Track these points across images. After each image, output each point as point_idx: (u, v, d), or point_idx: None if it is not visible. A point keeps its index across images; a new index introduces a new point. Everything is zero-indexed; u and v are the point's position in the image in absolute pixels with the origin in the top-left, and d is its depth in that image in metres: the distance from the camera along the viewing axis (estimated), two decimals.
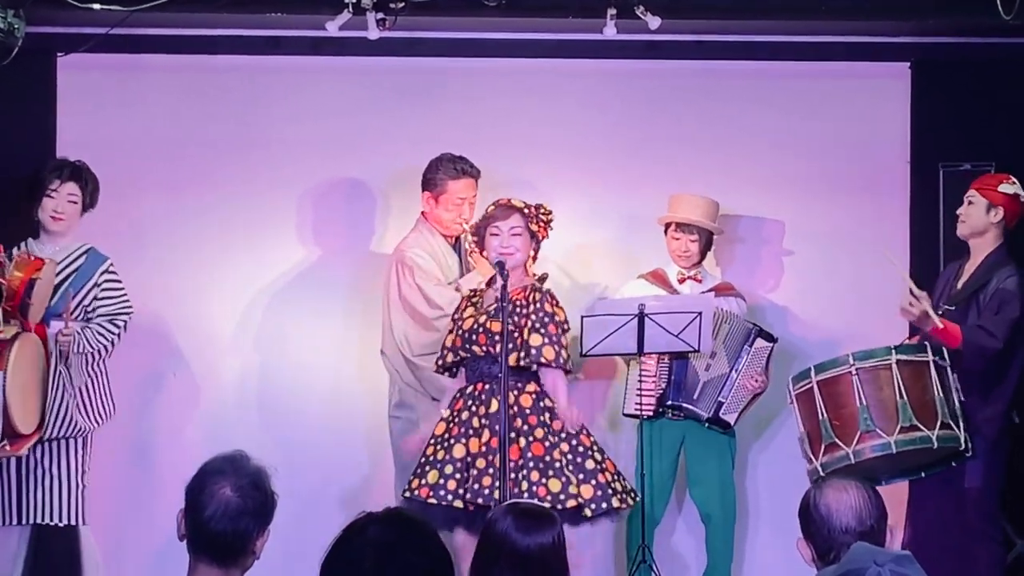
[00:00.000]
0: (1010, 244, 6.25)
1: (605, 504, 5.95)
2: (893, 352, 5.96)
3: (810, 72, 7.16)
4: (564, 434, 6.01)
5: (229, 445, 3.50)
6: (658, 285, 6.72)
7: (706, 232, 6.71)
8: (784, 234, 7.17)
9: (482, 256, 6.25)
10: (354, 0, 6.45)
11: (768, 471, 7.07)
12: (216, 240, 7.05)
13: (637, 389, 6.51)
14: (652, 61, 7.12)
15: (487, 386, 6.03)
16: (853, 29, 6.96)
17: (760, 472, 7.09)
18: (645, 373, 6.54)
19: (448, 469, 5.93)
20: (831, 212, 7.13)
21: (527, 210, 6.12)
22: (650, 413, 6.55)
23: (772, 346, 6.60)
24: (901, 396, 5.88)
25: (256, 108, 7.08)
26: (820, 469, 5.89)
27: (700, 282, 6.75)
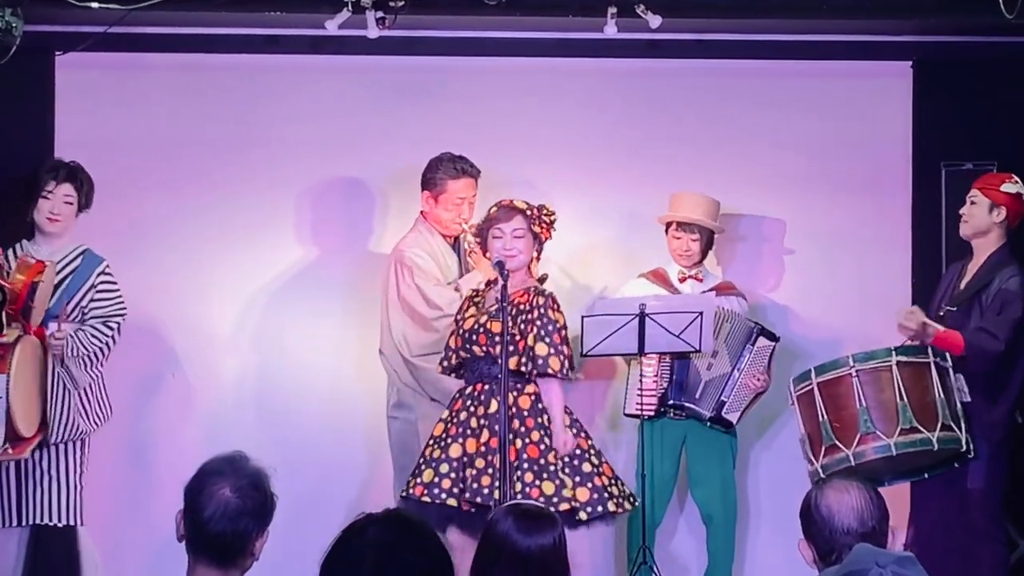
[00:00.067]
0: (1013, 243, 6.24)
1: (601, 508, 5.94)
2: (893, 353, 5.95)
3: (811, 71, 7.15)
4: None
5: (227, 445, 3.49)
6: (659, 284, 6.70)
7: (707, 231, 6.69)
8: (785, 233, 7.16)
9: (485, 257, 6.23)
10: None
11: (769, 471, 7.06)
12: (215, 240, 7.04)
13: (638, 389, 6.49)
14: (653, 60, 7.11)
15: (486, 386, 6.01)
16: (855, 28, 6.95)
17: (761, 472, 7.08)
18: (646, 372, 6.52)
19: (444, 468, 5.92)
20: (832, 211, 7.12)
21: (530, 212, 6.10)
22: (651, 413, 6.53)
23: (774, 345, 6.58)
24: (901, 398, 5.87)
25: (255, 107, 7.07)
26: (820, 471, 5.88)
27: (701, 281, 6.73)
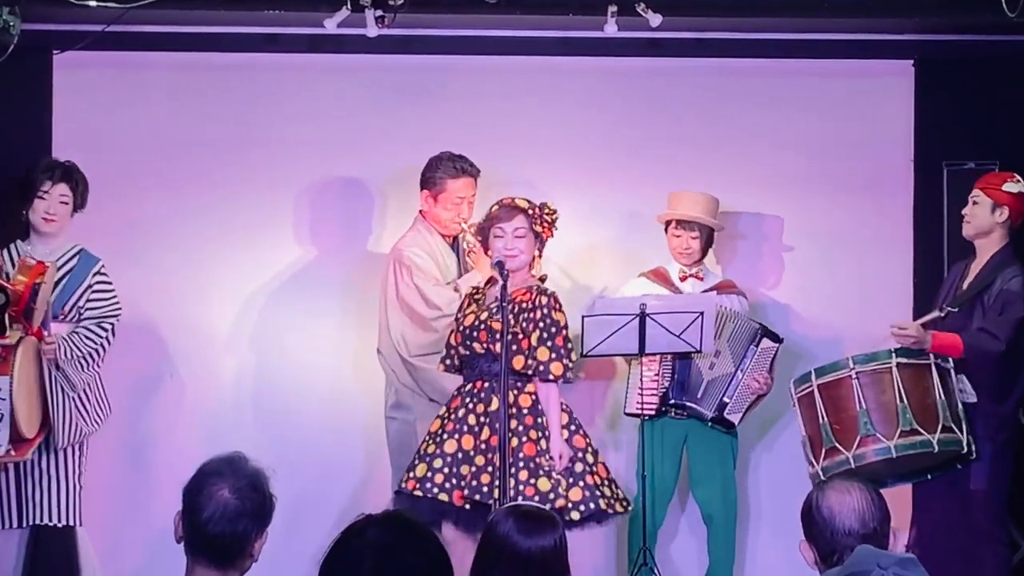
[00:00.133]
0: (1016, 243, 6.22)
1: (593, 505, 5.93)
2: (893, 355, 5.93)
3: (812, 70, 7.13)
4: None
5: (226, 445, 3.48)
6: (659, 283, 6.68)
7: (707, 229, 6.66)
8: (785, 232, 7.14)
9: (486, 255, 6.21)
10: None
11: (770, 473, 7.04)
12: (215, 240, 7.02)
13: (639, 388, 6.47)
14: (653, 59, 7.09)
15: (486, 384, 6.00)
16: (856, 27, 6.93)
17: (762, 473, 7.06)
18: (647, 372, 6.50)
19: (437, 463, 5.92)
20: (833, 211, 7.10)
21: (531, 211, 6.07)
22: (652, 412, 6.50)
23: (778, 347, 6.56)
24: (901, 400, 5.86)
25: (254, 106, 7.05)
26: (821, 473, 5.87)
27: (702, 280, 6.71)
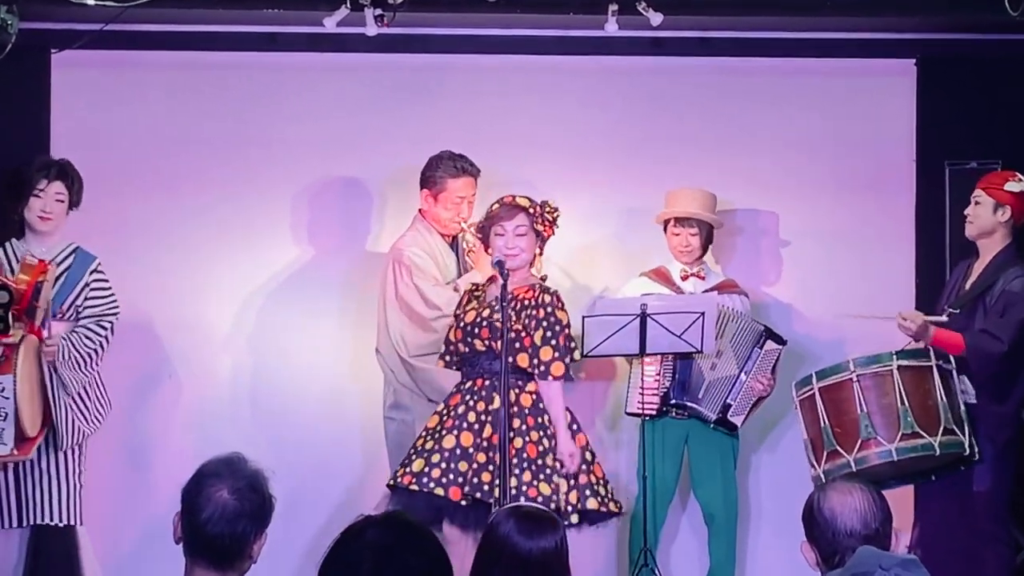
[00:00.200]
0: (1019, 243, 6.21)
1: (582, 504, 5.92)
2: (895, 358, 5.92)
3: (814, 69, 7.12)
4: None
5: (224, 445, 3.48)
6: (660, 283, 6.66)
7: (706, 225, 6.64)
8: (786, 231, 7.12)
9: (487, 253, 6.19)
10: None
11: (772, 474, 7.03)
12: (213, 239, 7.02)
13: (640, 388, 6.46)
14: (654, 58, 7.09)
15: (487, 382, 5.99)
16: (858, 25, 6.93)
17: (763, 474, 7.06)
18: (648, 371, 6.48)
19: (435, 458, 5.90)
20: (835, 210, 7.09)
21: (533, 209, 6.06)
22: (653, 412, 6.49)
23: (781, 349, 6.54)
24: (903, 403, 5.85)
25: (252, 105, 7.05)
26: (823, 476, 5.86)
27: (704, 279, 6.69)
